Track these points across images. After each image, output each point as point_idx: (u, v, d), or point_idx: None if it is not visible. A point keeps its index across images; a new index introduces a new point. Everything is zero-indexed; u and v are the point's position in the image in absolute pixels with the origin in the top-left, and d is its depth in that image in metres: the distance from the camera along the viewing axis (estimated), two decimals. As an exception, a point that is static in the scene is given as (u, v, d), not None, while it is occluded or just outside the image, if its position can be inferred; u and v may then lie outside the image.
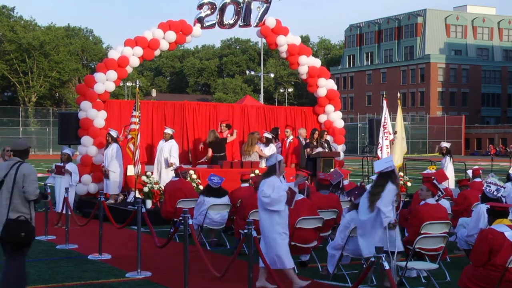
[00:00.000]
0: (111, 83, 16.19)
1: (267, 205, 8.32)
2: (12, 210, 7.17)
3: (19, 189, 7.19)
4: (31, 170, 7.30)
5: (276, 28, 17.82)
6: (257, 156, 16.60)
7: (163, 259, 10.35)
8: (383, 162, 8.71)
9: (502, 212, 7.04)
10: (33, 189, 7.21)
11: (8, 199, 7.18)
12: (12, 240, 7.16)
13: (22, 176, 7.20)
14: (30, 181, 7.20)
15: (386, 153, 16.89)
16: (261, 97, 65.99)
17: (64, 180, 13.99)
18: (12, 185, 7.19)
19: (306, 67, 18.39)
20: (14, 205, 7.19)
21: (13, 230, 7.11)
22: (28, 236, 7.20)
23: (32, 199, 7.25)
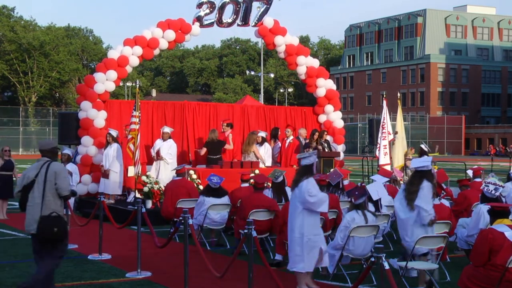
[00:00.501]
0: (111, 83, 16.20)
1: (311, 205, 8.13)
2: (44, 208, 7.39)
3: (50, 187, 7.41)
4: (62, 167, 7.65)
5: (274, 28, 17.82)
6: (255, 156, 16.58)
7: (163, 259, 10.35)
8: (421, 160, 8.74)
9: (502, 212, 7.05)
10: (65, 185, 7.48)
11: (41, 197, 7.40)
12: (45, 236, 7.36)
13: (53, 173, 7.44)
14: (63, 178, 7.47)
15: (383, 153, 16.90)
16: (261, 97, 65.99)
17: None
18: (43, 184, 7.41)
19: (305, 68, 18.40)
20: (46, 203, 7.41)
21: (46, 226, 7.32)
22: (61, 231, 7.38)
23: (65, 194, 7.49)
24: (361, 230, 8.75)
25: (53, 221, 7.36)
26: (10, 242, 11.97)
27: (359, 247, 8.79)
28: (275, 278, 7.12)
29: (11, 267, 9.63)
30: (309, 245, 8.20)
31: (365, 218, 8.86)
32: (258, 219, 10.33)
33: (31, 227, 7.48)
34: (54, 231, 7.33)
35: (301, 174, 8.34)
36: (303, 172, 8.35)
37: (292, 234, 8.30)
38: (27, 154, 58.05)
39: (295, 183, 8.31)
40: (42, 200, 7.40)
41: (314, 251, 8.25)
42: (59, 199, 7.51)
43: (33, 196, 7.45)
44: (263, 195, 10.92)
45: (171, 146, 15.74)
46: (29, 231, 7.54)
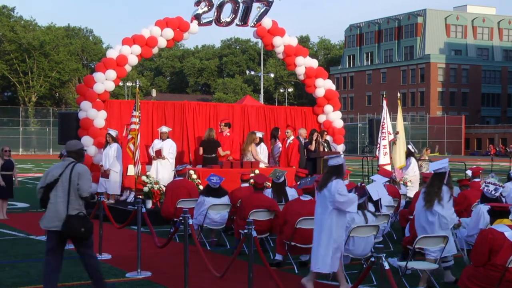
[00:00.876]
0: (110, 83, 16.19)
1: (341, 205, 8.11)
2: (70, 207, 7.59)
3: (74, 187, 7.60)
4: (85, 169, 7.76)
5: (273, 29, 17.80)
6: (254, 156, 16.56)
7: (163, 259, 10.35)
8: (439, 163, 8.76)
9: (502, 212, 7.05)
10: (87, 187, 7.65)
11: (66, 197, 7.59)
12: (72, 235, 7.59)
13: (77, 174, 7.61)
14: (85, 180, 7.64)
15: (383, 153, 16.89)
16: (261, 97, 65.98)
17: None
18: (68, 184, 7.60)
19: (303, 68, 18.38)
20: (72, 202, 7.61)
21: (74, 225, 7.52)
22: (87, 231, 7.63)
23: (85, 196, 7.66)
24: (361, 230, 8.75)
25: (81, 221, 7.58)
26: (10, 242, 11.97)
27: (359, 247, 8.79)
28: (275, 278, 7.12)
29: (11, 267, 9.63)
30: (336, 246, 8.22)
31: (365, 218, 8.87)
32: (258, 219, 10.33)
33: (53, 224, 7.60)
34: (82, 231, 7.57)
35: (329, 174, 8.30)
36: (331, 172, 8.29)
37: (320, 235, 8.23)
38: (27, 154, 58.05)
39: (323, 183, 8.25)
40: (67, 199, 7.59)
41: (339, 253, 8.28)
42: (81, 199, 7.70)
43: (56, 195, 7.62)
44: (263, 195, 10.92)
45: (172, 146, 15.76)
46: (49, 227, 7.67)
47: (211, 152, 16.20)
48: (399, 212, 12.33)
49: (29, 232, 13.09)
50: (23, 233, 13.08)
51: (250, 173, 13.19)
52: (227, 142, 16.86)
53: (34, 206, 17.40)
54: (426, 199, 8.52)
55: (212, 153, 16.19)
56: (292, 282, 8.80)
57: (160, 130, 15.93)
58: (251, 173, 13.69)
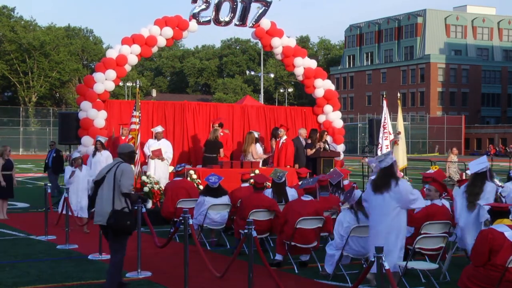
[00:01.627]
0: (110, 83, 16.19)
1: (412, 202, 8.14)
2: (116, 203, 7.96)
3: (118, 184, 7.98)
4: (129, 168, 8.17)
5: (271, 30, 17.79)
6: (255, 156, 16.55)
7: (163, 259, 10.35)
8: (477, 163, 8.76)
9: (502, 212, 7.05)
10: (127, 183, 7.97)
11: (111, 193, 7.97)
12: (118, 228, 7.93)
13: (121, 172, 8.01)
14: (126, 177, 7.99)
15: (385, 154, 16.87)
16: (261, 97, 65.98)
17: (78, 184, 13.80)
18: (113, 181, 7.99)
19: (302, 69, 18.36)
20: (117, 198, 7.98)
21: (119, 219, 7.90)
22: (132, 225, 8.02)
23: (124, 191, 7.95)
24: (361, 230, 8.76)
25: (126, 215, 7.94)
26: (10, 242, 11.98)
27: (359, 247, 8.79)
28: (275, 278, 7.12)
29: (11, 267, 9.63)
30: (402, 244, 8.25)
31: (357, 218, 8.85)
32: (258, 219, 10.34)
33: (97, 219, 8.07)
34: (127, 224, 7.94)
35: (386, 176, 8.21)
36: (387, 174, 8.21)
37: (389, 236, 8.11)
38: (27, 154, 58.06)
39: (383, 186, 8.14)
40: (112, 195, 7.95)
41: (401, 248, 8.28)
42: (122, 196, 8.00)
43: (102, 192, 8.03)
44: (263, 195, 10.92)
45: (169, 146, 15.65)
46: (95, 222, 8.17)
47: (212, 152, 16.18)
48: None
49: (29, 232, 13.09)
50: (23, 233, 13.08)
51: (250, 173, 13.19)
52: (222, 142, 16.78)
53: (34, 206, 17.40)
54: (469, 199, 8.61)
55: (212, 153, 16.17)
56: (292, 282, 8.80)
57: (155, 131, 15.83)
58: (251, 173, 13.69)
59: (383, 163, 8.25)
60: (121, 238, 8.09)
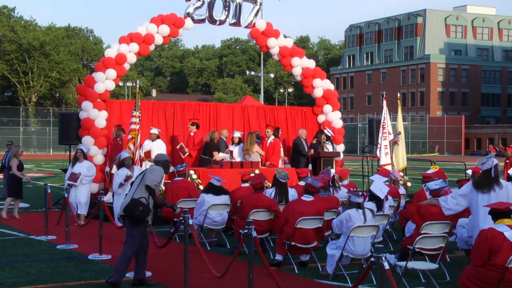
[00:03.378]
0: (110, 82, 16.20)
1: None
2: (137, 193, 8.38)
3: (144, 180, 8.39)
4: (159, 168, 8.53)
5: (266, 30, 17.78)
6: (258, 156, 16.55)
7: (163, 259, 10.35)
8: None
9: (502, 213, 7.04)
10: (151, 178, 8.34)
11: (136, 186, 8.45)
12: (129, 213, 8.26)
13: (150, 170, 8.49)
14: (153, 174, 8.39)
15: (384, 153, 16.86)
16: (261, 97, 66.00)
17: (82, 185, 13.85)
18: (141, 179, 8.45)
19: (300, 69, 18.35)
20: (138, 190, 8.40)
21: (133, 205, 8.25)
22: (143, 212, 8.22)
23: (146, 183, 8.31)
24: (361, 230, 8.76)
25: (140, 204, 8.25)
26: (10, 242, 11.98)
27: (359, 247, 8.79)
28: (275, 278, 7.12)
29: (11, 267, 9.63)
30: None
31: (364, 217, 8.86)
32: (258, 219, 10.34)
33: (120, 210, 8.50)
34: (139, 210, 8.19)
35: (492, 177, 8.31)
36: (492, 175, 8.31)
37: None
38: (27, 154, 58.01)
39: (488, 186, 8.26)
40: (136, 188, 8.43)
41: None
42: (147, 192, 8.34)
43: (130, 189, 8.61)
44: (263, 195, 10.92)
45: (161, 146, 15.57)
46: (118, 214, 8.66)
47: (207, 154, 16.23)
48: (399, 212, 12.34)
49: (29, 232, 13.10)
50: (23, 233, 13.08)
51: (250, 173, 13.19)
52: (190, 141, 16.66)
53: (34, 206, 17.41)
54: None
55: (207, 155, 16.23)
56: (292, 282, 8.80)
57: (150, 131, 15.81)
58: (251, 173, 13.69)
59: (485, 165, 8.40)
60: (133, 227, 8.32)
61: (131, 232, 8.36)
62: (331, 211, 10.59)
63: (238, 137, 16.70)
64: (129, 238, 8.38)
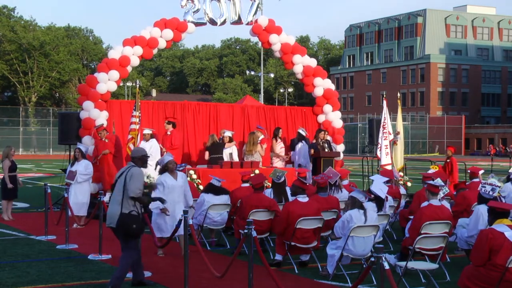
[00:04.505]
0: (113, 83, 16.22)
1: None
2: (124, 206, 8.05)
3: (127, 188, 8.07)
4: (138, 172, 8.19)
5: (269, 26, 17.81)
6: (259, 156, 16.55)
7: (163, 259, 10.35)
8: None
9: (502, 213, 7.04)
10: (134, 187, 8.02)
11: (121, 195, 8.08)
12: (124, 231, 8.03)
13: (130, 175, 8.10)
14: (134, 181, 8.05)
15: (385, 153, 16.86)
16: (261, 97, 65.98)
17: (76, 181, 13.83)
18: (123, 184, 8.10)
19: (301, 66, 18.35)
20: (125, 201, 8.06)
21: (126, 222, 7.99)
22: (138, 228, 8.06)
23: (131, 195, 8.03)
24: (361, 230, 8.75)
25: (132, 218, 8.01)
26: (10, 242, 11.97)
27: (359, 247, 8.79)
28: (275, 278, 7.12)
29: (11, 267, 9.63)
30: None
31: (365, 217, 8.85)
32: (258, 219, 10.33)
33: (109, 222, 8.16)
34: (133, 228, 8.00)
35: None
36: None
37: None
38: (27, 154, 58.03)
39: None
40: (122, 198, 8.05)
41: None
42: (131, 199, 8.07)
43: (114, 194, 8.19)
44: (263, 195, 10.91)
45: (152, 147, 15.44)
46: (107, 225, 8.26)
47: (218, 153, 16.32)
48: (399, 212, 12.34)
49: (29, 232, 13.09)
50: (23, 233, 13.08)
51: (250, 173, 13.18)
52: (167, 141, 16.52)
53: (34, 206, 17.41)
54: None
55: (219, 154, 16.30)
56: (292, 282, 8.80)
57: (143, 132, 15.73)
58: (251, 173, 13.68)
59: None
60: (130, 240, 8.15)
61: (127, 244, 8.17)
62: (331, 211, 10.59)
63: (229, 136, 16.71)
64: (126, 248, 8.18)
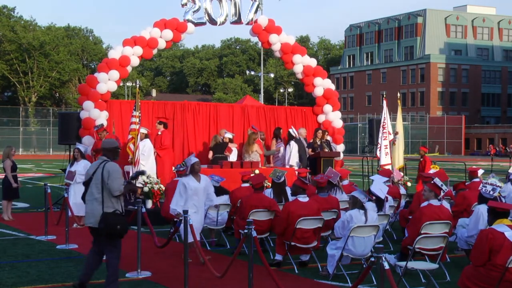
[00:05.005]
0: (113, 83, 16.22)
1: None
2: (106, 205, 7.76)
3: (106, 186, 7.77)
4: (115, 168, 7.82)
5: (269, 26, 17.82)
6: (257, 156, 16.55)
7: (163, 259, 10.35)
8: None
9: (502, 213, 7.04)
10: (116, 185, 7.73)
11: (100, 194, 7.78)
12: (108, 232, 7.71)
13: (107, 173, 7.75)
14: (113, 178, 7.73)
15: (385, 153, 16.87)
16: (261, 97, 65.99)
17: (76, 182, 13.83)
18: (101, 182, 7.78)
19: (301, 66, 18.35)
20: (106, 201, 7.78)
21: (110, 222, 7.66)
22: (123, 228, 7.75)
23: (116, 194, 7.75)
24: (361, 230, 8.75)
25: (116, 218, 7.74)
26: (10, 242, 11.97)
27: (359, 247, 8.79)
28: (275, 278, 7.12)
29: (11, 267, 9.63)
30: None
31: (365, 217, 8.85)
32: (258, 219, 10.33)
33: (89, 221, 7.87)
34: (118, 228, 7.71)
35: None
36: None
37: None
38: (27, 154, 58.04)
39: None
40: (102, 197, 7.77)
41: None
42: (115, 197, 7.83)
43: (92, 192, 7.85)
44: (263, 195, 10.91)
45: (145, 146, 15.36)
46: (86, 224, 7.98)
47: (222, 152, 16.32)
48: (399, 212, 12.34)
49: (29, 232, 13.09)
50: (23, 233, 13.08)
51: (250, 173, 13.18)
52: (158, 141, 16.44)
53: (34, 206, 17.41)
54: None
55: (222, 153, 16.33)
56: (292, 282, 8.80)
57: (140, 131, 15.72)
58: (251, 173, 13.67)
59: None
60: (114, 240, 7.86)
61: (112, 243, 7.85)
62: (331, 211, 10.59)
63: (229, 138, 16.73)
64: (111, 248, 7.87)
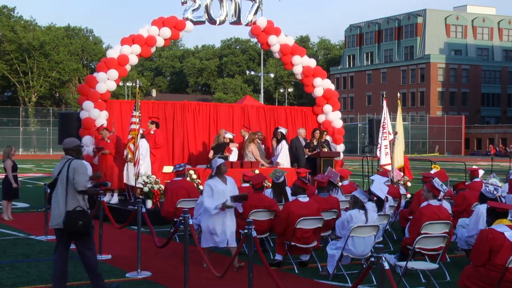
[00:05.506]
0: (112, 82, 16.24)
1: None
2: (69, 203, 7.69)
3: (71, 184, 7.70)
4: (80, 164, 7.82)
5: (268, 28, 17.83)
6: (251, 156, 16.54)
7: (163, 259, 10.35)
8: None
9: (502, 213, 7.04)
10: (82, 181, 7.70)
11: (64, 193, 7.71)
12: (71, 230, 7.63)
13: (73, 170, 7.72)
14: (79, 174, 7.70)
15: (385, 153, 16.85)
16: (261, 97, 66.00)
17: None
18: (66, 181, 7.71)
19: (301, 67, 18.37)
20: (70, 199, 7.71)
21: (71, 220, 7.60)
22: (85, 224, 7.67)
23: (80, 189, 7.70)
24: (361, 230, 8.75)
25: (78, 215, 7.65)
26: (10, 242, 11.97)
27: (359, 247, 8.79)
28: (275, 278, 7.12)
29: (11, 267, 9.63)
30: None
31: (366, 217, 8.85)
32: (258, 219, 10.33)
33: (55, 222, 7.74)
34: (79, 224, 7.61)
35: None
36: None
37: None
38: (27, 154, 58.04)
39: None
40: (65, 196, 7.70)
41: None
42: (78, 194, 7.75)
43: (57, 193, 7.77)
44: (263, 195, 10.91)
45: (141, 146, 15.41)
46: (52, 226, 7.82)
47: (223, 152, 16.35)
48: (399, 212, 12.34)
49: (29, 232, 13.09)
50: (23, 233, 13.08)
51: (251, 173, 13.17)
52: (151, 140, 16.56)
53: (34, 206, 17.41)
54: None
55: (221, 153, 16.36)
56: (292, 282, 8.80)
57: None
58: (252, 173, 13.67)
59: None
60: (85, 239, 7.79)
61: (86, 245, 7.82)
62: (331, 211, 10.59)
63: (229, 138, 16.73)
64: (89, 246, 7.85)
